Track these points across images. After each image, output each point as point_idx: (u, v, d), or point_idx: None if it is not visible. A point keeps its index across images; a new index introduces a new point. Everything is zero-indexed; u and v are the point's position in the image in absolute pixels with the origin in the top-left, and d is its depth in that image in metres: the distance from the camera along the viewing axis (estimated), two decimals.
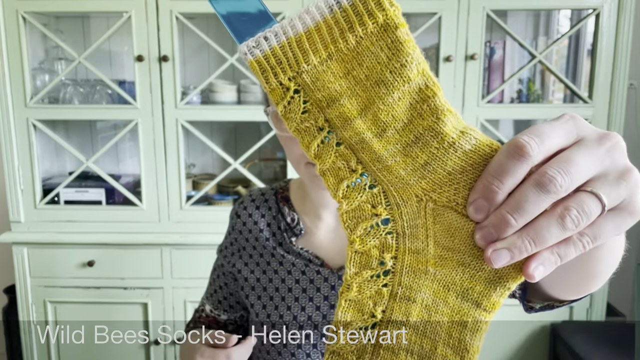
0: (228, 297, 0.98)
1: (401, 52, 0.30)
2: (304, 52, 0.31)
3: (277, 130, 0.76)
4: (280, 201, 0.94)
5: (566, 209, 0.30)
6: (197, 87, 2.08)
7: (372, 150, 0.32)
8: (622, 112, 1.98)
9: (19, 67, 1.98)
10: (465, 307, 0.33)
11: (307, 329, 0.87)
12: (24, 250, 2.08)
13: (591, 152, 0.31)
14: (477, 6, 1.92)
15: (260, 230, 0.93)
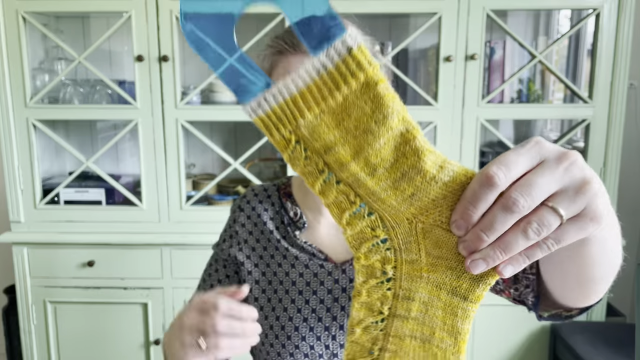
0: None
1: (382, 105, 0.36)
2: (299, 109, 0.37)
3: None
4: (282, 196, 0.95)
5: (528, 223, 0.38)
6: (197, 87, 2.08)
7: (367, 186, 0.39)
8: (622, 112, 1.98)
9: (19, 67, 1.98)
10: (455, 301, 0.41)
11: (311, 322, 0.87)
12: (23, 250, 2.08)
13: (551, 172, 0.38)
14: (477, 6, 1.92)
15: (264, 223, 0.93)
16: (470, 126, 2.00)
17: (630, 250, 2.46)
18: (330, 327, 0.87)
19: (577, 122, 2.05)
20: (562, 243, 0.39)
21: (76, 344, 2.17)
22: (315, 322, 0.87)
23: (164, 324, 2.13)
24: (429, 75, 2.13)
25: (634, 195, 2.47)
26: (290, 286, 0.89)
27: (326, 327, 0.87)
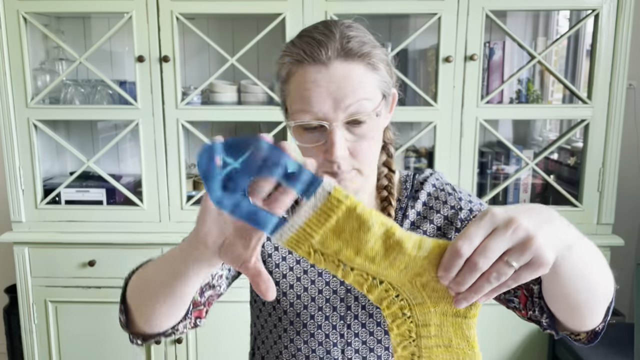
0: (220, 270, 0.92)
1: (364, 220, 0.52)
2: (309, 233, 0.53)
3: (297, 142, 0.82)
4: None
5: (490, 274, 0.53)
6: (197, 87, 2.09)
7: (372, 269, 0.56)
8: (621, 113, 1.99)
9: (20, 68, 1.99)
10: (458, 320, 0.59)
11: (327, 311, 0.88)
12: (25, 250, 2.09)
13: (501, 237, 0.52)
14: (476, 7, 1.92)
15: None
16: (470, 126, 2.01)
17: (629, 250, 2.46)
18: (345, 317, 0.88)
19: (576, 122, 2.06)
20: (519, 282, 0.54)
21: (77, 344, 2.17)
22: (330, 311, 0.88)
23: None
24: (429, 75, 2.14)
25: (633, 195, 2.48)
26: (302, 274, 0.90)
27: (341, 317, 0.88)
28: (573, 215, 2.07)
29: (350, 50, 0.77)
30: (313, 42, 0.78)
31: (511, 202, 2.19)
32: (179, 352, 2.15)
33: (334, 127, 0.77)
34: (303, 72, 0.78)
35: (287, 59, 0.80)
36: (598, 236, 2.06)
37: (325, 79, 0.76)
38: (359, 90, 0.77)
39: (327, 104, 0.76)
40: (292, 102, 0.80)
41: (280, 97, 0.86)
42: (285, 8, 1.93)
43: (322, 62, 0.77)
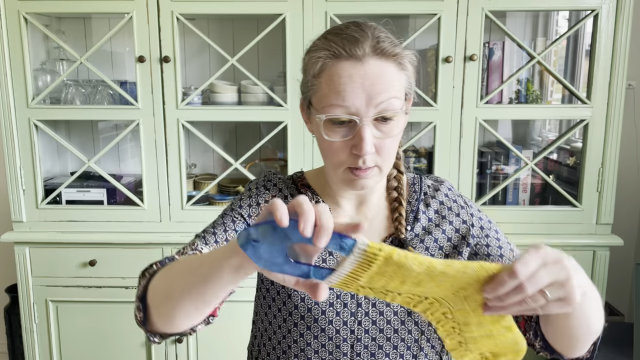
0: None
1: (403, 264, 0.57)
2: (355, 277, 0.59)
3: (326, 136, 0.82)
4: (301, 188, 0.97)
5: (526, 300, 0.61)
6: (198, 87, 2.09)
7: (418, 291, 0.63)
8: (621, 113, 1.99)
9: (20, 68, 1.99)
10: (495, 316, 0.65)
11: (338, 307, 0.89)
12: (25, 249, 2.10)
13: (550, 271, 0.60)
14: (476, 7, 1.93)
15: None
16: (469, 126, 2.01)
17: (628, 250, 2.47)
18: (356, 313, 0.90)
19: (576, 122, 2.06)
20: (545, 312, 0.63)
21: (78, 343, 2.18)
22: (341, 307, 0.89)
23: None
24: (428, 75, 2.15)
25: (632, 195, 2.48)
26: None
27: (352, 313, 0.90)
28: (572, 215, 2.07)
29: (384, 49, 0.80)
30: (350, 38, 0.80)
31: (510, 202, 2.19)
32: (180, 352, 2.15)
33: (364, 123, 0.79)
34: (338, 67, 0.79)
35: (323, 52, 0.81)
36: (597, 236, 2.07)
37: (360, 75, 0.78)
38: (390, 89, 0.80)
39: (361, 100, 0.78)
40: (324, 95, 0.81)
41: (305, 90, 0.86)
42: (286, 8, 1.94)
43: (358, 58, 0.79)
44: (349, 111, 0.79)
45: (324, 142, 0.84)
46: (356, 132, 0.80)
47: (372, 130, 0.80)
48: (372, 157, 0.82)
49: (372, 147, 0.80)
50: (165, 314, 0.74)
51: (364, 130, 0.79)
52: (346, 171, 0.84)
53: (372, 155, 0.81)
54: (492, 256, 0.96)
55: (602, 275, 2.07)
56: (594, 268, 2.07)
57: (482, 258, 0.95)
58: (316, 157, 2.04)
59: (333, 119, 0.80)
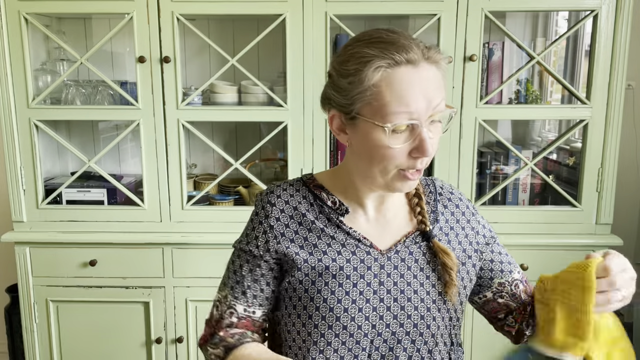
0: (265, 288, 0.97)
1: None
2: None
3: (391, 145, 0.83)
4: (314, 189, 0.98)
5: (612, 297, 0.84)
6: (198, 88, 2.10)
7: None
8: (620, 113, 1.99)
9: (21, 68, 1.99)
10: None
11: (360, 303, 0.91)
12: (26, 249, 2.10)
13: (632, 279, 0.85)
14: (475, 7, 1.93)
15: (302, 214, 0.95)
16: (469, 126, 2.02)
17: (628, 250, 2.47)
18: (377, 308, 0.91)
19: (575, 122, 2.07)
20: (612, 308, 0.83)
21: (78, 343, 2.18)
22: (363, 303, 0.91)
23: (165, 322, 2.14)
24: None
25: (631, 195, 2.49)
26: (338, 271, 0.91)
27: (374, 308, 0.91)
28: (572, 216, 2.08)
29: (432, 55, 0.84)
30: (404, 45, 0.83)
31: (510, 202, 2.19)
32: (180, 352, 2.16)
33: (424, 126, 0.83)
34: (399, 74, 0.82)
35: (380, 62, 0.82)
36: (597, 236, 2.07)
37: (418, 81, 0.82)
38: (441, 91, 0.85)
39: (422, 104, 0.82)
40: (386, 103, 0.82)
41: (350, 101, 0.86)
42: (286, 9, 1.94)
43: (413, 64, 0.82)
44: (412, 116, 0.82)
45: (381, 149, 0.84)
46: (417, 136, 0.83)
47: (427, 132, 0.84)
48: (425, 159, 0.86)
49: (434, 150, 0.86)
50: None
51: (424, 132, 0.83)
52: (399, 174, 0.87)
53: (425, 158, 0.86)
54: (494, 271, 1.03)
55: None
56: None
57: (485, 271, 1.03)
58: (316, 157, 2.05)
59: (398, 127, 0.82)
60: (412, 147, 0.84)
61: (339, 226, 0.94)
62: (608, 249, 0.75)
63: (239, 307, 0.96)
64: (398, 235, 0.97)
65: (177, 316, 2.14)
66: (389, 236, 0.96)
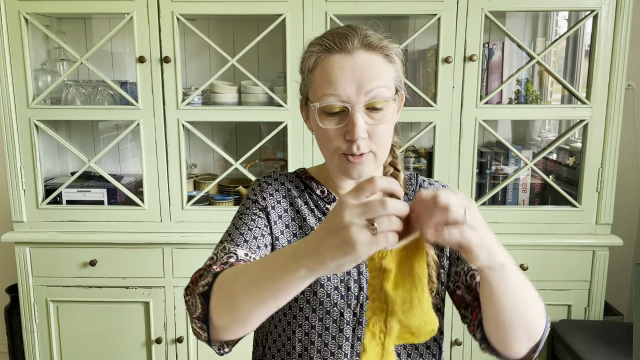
0: (268, 244, 0.94)
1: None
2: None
3: (321, 124, 0.87)
4: (305, 179, 1.01)
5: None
6: (198, 88, 2.10)
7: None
8: (620, 113, 1.99)
9: (21, 68, 2.00)
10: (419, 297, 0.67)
11: (342, 290, 0.92)
12: (26, 249, 2.10)
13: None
14: (475, 7, 1.93)
15: (293, 197, 0.98)
16: (469, 127, 2.02)
17: (628, 250, 2.47)
18: (359, 296, 0.92)
19: (575, 122, 2.07)
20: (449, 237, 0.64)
21: (78, 343, 2.18)
22: (345, 290, 0.92)
23: (165, 322, 2.14)
24: (428, 76, 2.15)
25: (632, 196, 2.49)
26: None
27: (355, 296, 0.92)
28: (572, 215, 2.08)
29: (371, 42, 0.87)
30: (339, 35, 0.88)
31: (510, 202, 2.19)
32: (180, 352, 2.16)
33: (356, 110, 0.85)
34: (330, 60, 0.87)
35: (316, 48, 0.89)
36: (597, 236, 2.07)
37: (350, 66, 0.85)
38: (379, 78, 0.85)
39: (351, 88, 0.84)
40: (318, 87, 0.88)
41: (302, 88, 0.93)
42: (286, 9, 1.94)
43: (348, 51, 0.86)
44: (341, 99, 0.85)
45: (320, 131, 0.89)
46: (349, 119, 0.85)
47: (364, 117, 0.86)
48: (366, 143, 0.86)
49: (364, 133, 0.85)
50: (232, 325, 0.75)
51: (356, 116, 0.84)
52: (342, 158, 0.89)
53: (365, 141, 0.86)
54: (451, 258, 0.98)
55: (601, 275, 2.08)
56: (594, 268, 2.08)
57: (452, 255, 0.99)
58: (316, 157, 2.05)
59: (326, 108, 0.86)
60: (346, 130, 0.86)
61: (325, 213, 0.97)
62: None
63: (240, 252, 0.89)
64: None
65: (177, 316, 2.14)
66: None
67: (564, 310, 2.12)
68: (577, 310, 2.11)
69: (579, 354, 1.87)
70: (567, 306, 2.11)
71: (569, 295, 2.10)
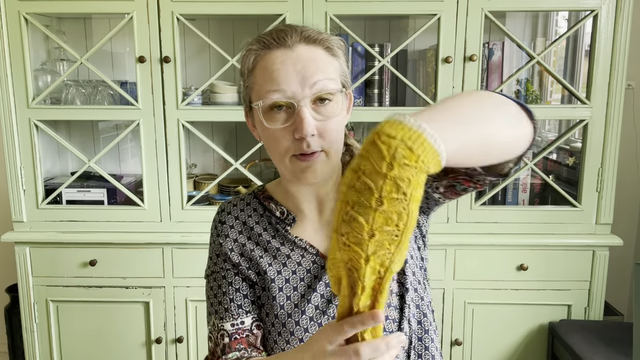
0: (247, 293, 0.93)
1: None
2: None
3: (267, 124, 0.82)
4: (264, 200, 0.97)
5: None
6: (198, 88, 2.10)
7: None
8: (620, 113, 1.99)
9: (21, 68, 1.99)
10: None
11: (310, 313, 0.88)
12: (26, 249, 2.10)
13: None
14: (475, 7, 1.93)
15: (250, 228, 0.94)
16: None
17: (628, 250, 2.47)
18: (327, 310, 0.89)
19: (575, 122, 2.07)
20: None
21: (78, 343, 2.18)
22: (313, 312, 0.89)
23: (165, 322, 2.14)
24: (428, 76, 2.15)
25: (631, 196, 2.49)
26: (284, 283, 0.90)
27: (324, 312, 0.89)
28: (572, 215, 2.08)
29: (310, 35, 0.84)
30: (277, 31, 0.84)
31: (510, 202, 2.19)
32: (180, 352, 2.16)
33: (302, 105, 0.80)
34: (270, 56, 0.83)
35: (254, 46, 0.85)
36: (597, 236, 2.07)
37: (292, 60, 0.81)
38: (323, 71, 0.82)
39: (295, 82, 0.80)
40: (260, 86, 0.83)
41: (244, 92, 0.88)
42: (286, 9, 1.94)
43: (288, 46, 0.82)
44: (285, 95, 0.80)
45: (267, 134, 0.84)
46: (295, 115, 0.81)
47: (312, 113, 0.81)
48: (316, 140, 0.82)
49: (313, 129, 0.80)
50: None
51: (303, 112, 0.80)
52: (293, 160, 0.83)
53: (315, 139, 0.81)
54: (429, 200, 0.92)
55: (601, 275, 2.08)
56: (594, 268, 2.07)
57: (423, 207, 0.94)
58: None
59: (271, 106, 0.82)
60: (294, 128, 0.81)
61: (285, 237, 0.93)
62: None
63: (227, 325, 0.92)
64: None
65: (177, 316, 2.14)
66: (327, 238, 0.93)
67: (563, 310, 2.11)
68: (577, 310, 2.11)
69: (579, 354, 1.87)
70: (567, 306, 2.11)
71: (569, 295, 2.10)
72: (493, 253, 2.07)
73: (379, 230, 0.56)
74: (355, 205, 0.55)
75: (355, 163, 0.55)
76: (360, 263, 0.58)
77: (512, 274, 2.08)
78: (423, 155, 0.54)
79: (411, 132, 0.53)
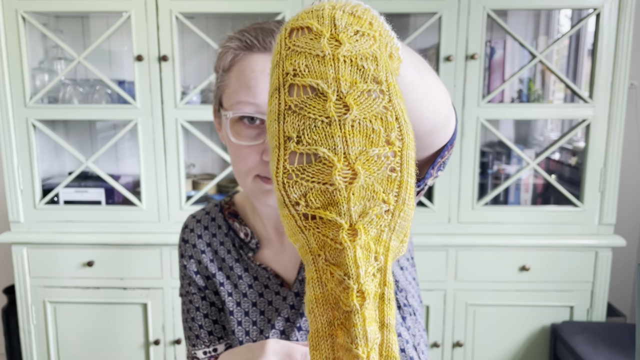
0: (218, 318, 0.90)
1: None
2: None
3: (233, 139, 0.72)
4: (228, 218, 0.89)
5: None
6: (196, 86, 2.08)
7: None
8: (623, 112, 1.98)
9: (18, 67, 1.98)
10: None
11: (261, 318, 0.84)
12: (23, 250, 2.08)
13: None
14: (477, 6, 1.91)
15: (215, 251, 0.88)
16: (471, 126, 2.00)
17: (631, 251, 2.45)
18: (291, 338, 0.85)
19: (578, 122, 2.05)
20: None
21: (76, 344, 2.17)
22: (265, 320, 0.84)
23: (164, 324, 2.13)
24: None
25: (635, 195, 2.47)
26: (243, 317, 0.85)
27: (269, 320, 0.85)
28: (574, 216, 2.06)
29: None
30: (265, 31, 0.72)
31: (512, 203, 2.18)
32: (178, 353, 2.14)
33: None
34: (250, 60, 0.71)
35: (234, 44, 0.73)
36: (599, 236, 2.05)
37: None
38: None
39: None
40: (233, 92, 0.72)
41: (216, 89, 0.78)
42: (285, 7, 1.92)
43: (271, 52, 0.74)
44: (259, 110, 0.69)
45: (232, 146, 0.73)
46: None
47: None
48: None
49: None
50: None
51: None
52: (256, 180, 0.74)
53: None
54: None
55: (604, 276, 2.06)
56: (596, 269, 2.06)
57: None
58: None
59: (242, 118, 0.71)
60: (264, 148, 0.70)
61: (249, 264, 0.85)
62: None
63: (199, 353, 0.88)
64: (298, 260, 0.83)
65: (176, 318, 2.12)
66: (291, 264, 0.84)
67: (566, 312, 2.10)
68: (579, 311, 2.09)
69: (582, 356, 1.86)
70: (570, 307, 2.10)
71: (571, 296, 2.09)
72: (495, 254, 2.05)
73: (359, 161, 0.32)
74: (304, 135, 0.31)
75: (279, 69, 0.34)
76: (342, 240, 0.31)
77: (514, 274, 2.06)
78: (375, 22, 0.33)
79: (345, 3, 0.35)
